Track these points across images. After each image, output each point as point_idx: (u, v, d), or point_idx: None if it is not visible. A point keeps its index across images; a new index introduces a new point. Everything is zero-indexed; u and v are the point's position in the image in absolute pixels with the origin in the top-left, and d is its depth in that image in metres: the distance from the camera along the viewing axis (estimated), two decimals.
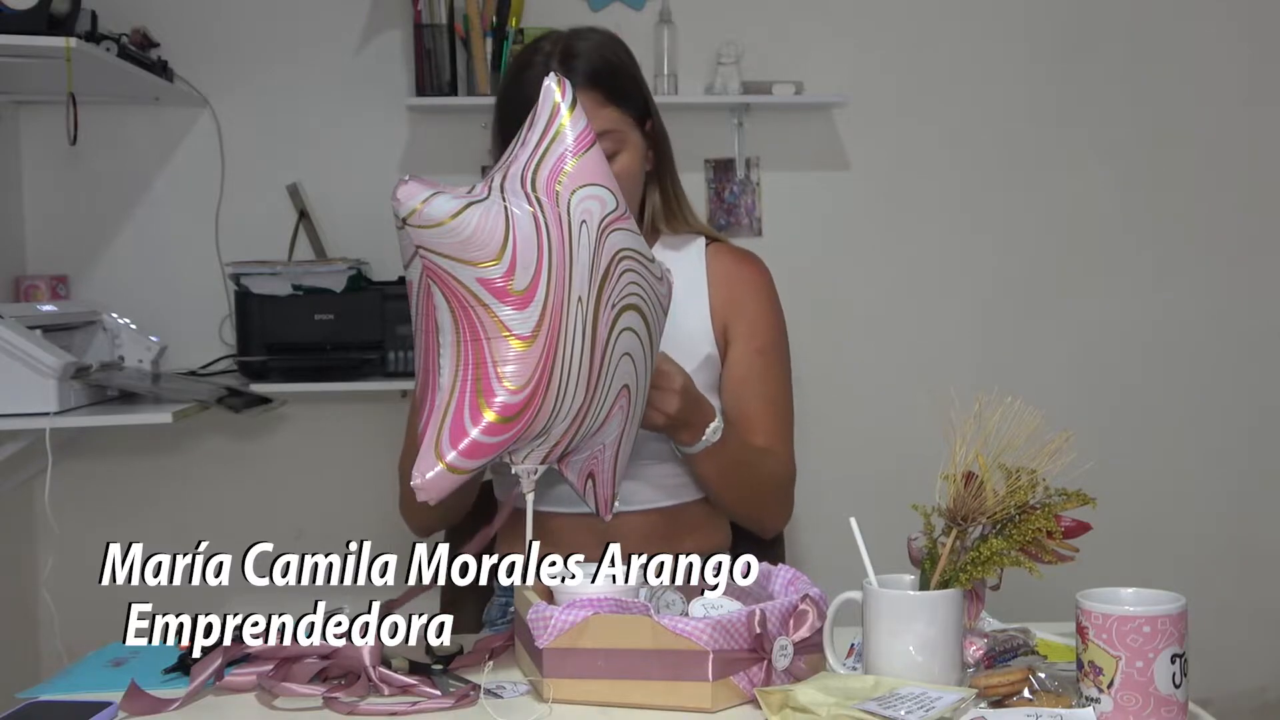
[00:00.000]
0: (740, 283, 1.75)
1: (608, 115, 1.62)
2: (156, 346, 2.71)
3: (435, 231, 1.27)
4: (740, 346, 1.73)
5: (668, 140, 1.74)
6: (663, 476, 1.70)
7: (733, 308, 1.74)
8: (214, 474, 3.08)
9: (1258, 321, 3.25)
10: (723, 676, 1.21)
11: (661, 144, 1.72)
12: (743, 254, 1.79)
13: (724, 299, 1.74)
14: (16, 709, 1.24)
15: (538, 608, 1.26)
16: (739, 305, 1.74)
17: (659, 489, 1.71)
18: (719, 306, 1.73)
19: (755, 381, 1.72)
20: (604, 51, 1.66)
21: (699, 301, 1.73)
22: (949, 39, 3.17)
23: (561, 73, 1.57)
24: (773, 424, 1.73)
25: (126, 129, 3.02)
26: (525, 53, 1.68)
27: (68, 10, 2.39)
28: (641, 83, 1.70)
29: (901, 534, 1.29)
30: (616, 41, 1.71)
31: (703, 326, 1.72)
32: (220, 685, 1.33)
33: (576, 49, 1.64)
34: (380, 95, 3.05)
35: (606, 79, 1.63)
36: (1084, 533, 1.24)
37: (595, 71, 1.63)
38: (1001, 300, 3.21)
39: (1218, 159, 3.22)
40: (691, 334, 1.70)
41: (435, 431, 1.29)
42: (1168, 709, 1.13)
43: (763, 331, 1.75)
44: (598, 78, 1.62)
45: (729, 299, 1.74)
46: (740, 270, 1.76)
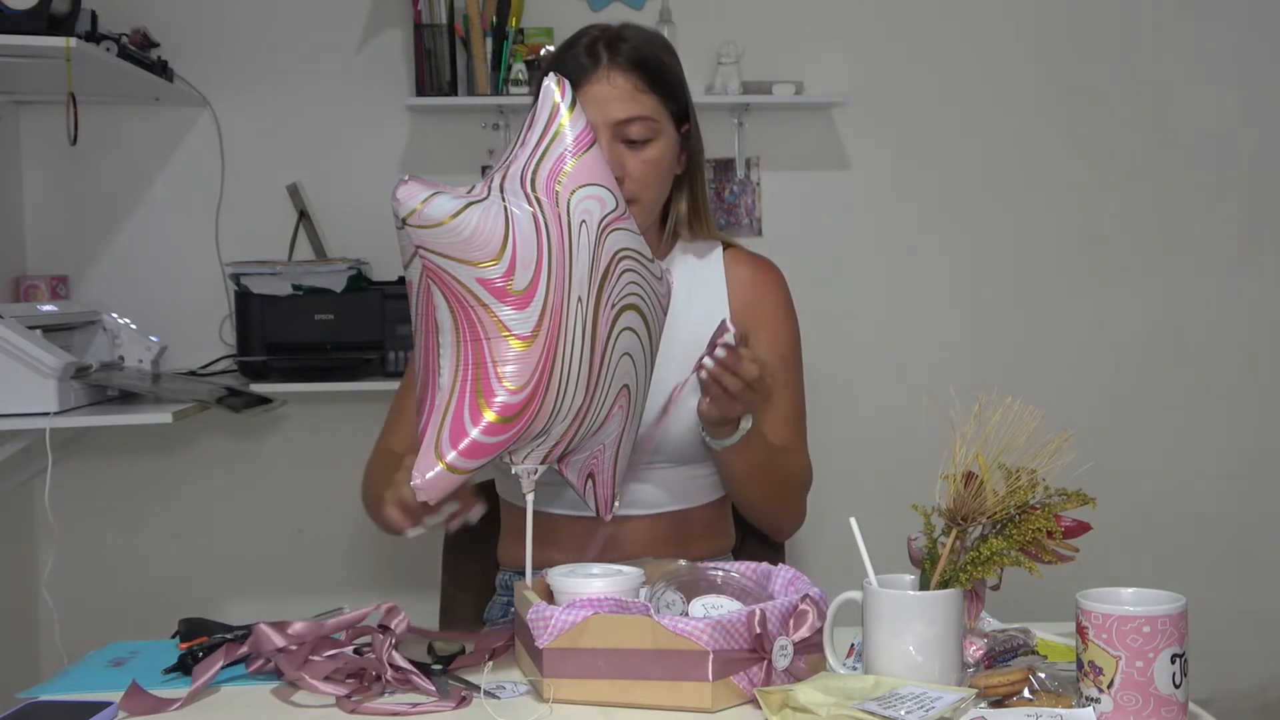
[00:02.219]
0: (761, 289, 1.77)
1: (646, 102, 1.64)
2: (156, 346, 2.71)
3: (435, 231, 1.27)
4: (762, 352, 1.74)
5: (702, 149, 1.75)
6: (675, 480, 1.71)
7: (753, 313, 1.75)
8: (214, 474, 3.08)
9: (1258, 321, 3.24)
10: (723, 676, 1.21)
11: (696, 150, 1.74)
12: (761, 260, 1.81)
13: (743, 304, 1.75)
14: (16, 709, 1.24)
15: (538, 608, 1.26)
16: (760, 311, 1.75)
17: (670, 492, 1.71)
18: (739, 311, 1.74)
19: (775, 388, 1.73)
20: (652, 45, 1.69)
21: (719, 306, 1.74)
22: (949, 39, 3.17)
23: (606, 54, 1.61)
24: (792, 429, 1.75)
25: (126, 129, 3.02)
26: (574, 35, 1.70)
27: (68, 10, 2.39)
28: (684, 84, 1.72)
29: (901, 534, 1.29)
30: (665, 42, 1.76)
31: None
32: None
33: (625, 34, 1.67)
34: (380, 95, 3.05)
35: (650, 67, 1.66)
36: (1084, 533, 1.24)
37: (640, 58, 1.65)
38: (1001, 300, 3.20)
39: (1218, 159, 3.22)
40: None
41: (435, 431, 1.29)
42: (1168, 709, 1.13)
43: (783, 338, 1.77)
44: (642, 64, 1.65)
45: (749, 304, 1.75)
46: (760, 277, 1.78)
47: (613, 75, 1.63)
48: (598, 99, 1.61)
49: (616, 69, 1.63)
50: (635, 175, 1.63)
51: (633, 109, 1.62)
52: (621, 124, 1.62)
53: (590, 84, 1.62)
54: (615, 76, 1.63)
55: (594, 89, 1.62)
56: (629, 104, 1.62)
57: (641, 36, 1.69)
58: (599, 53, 1.63)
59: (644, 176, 1.64)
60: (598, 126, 1.59)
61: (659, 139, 1.65)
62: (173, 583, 3.03)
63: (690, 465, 1.70)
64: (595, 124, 1.58)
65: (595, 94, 1.62)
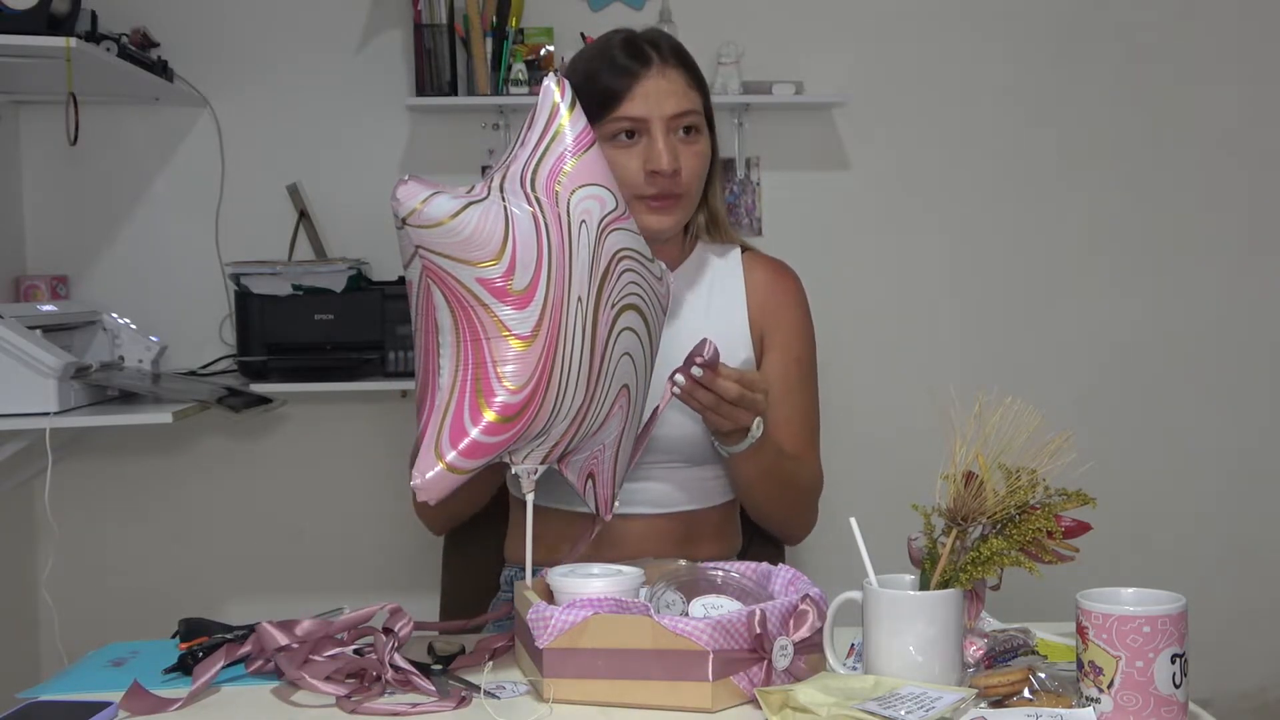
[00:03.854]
0: (778, 292, 1.78)
1: (695, 98, 1.66)
2: (156, 346, 2.71)
3: (435, 231, 1.27)
4: (778, 355, 1.75)
5: (719, 155, 1.75)
6: (686, 480, 1.71)
7: (770, 316, 1.75)
8: (214, 474, 3.08)
9: (1258, 321, 3.24)
10: (723, 676, 1.21)
11: (715, 155, 1.74)
12: (778, 264, 1.81)
13: (761, 306, 1.75)
14: (16, 709, 1.24)
15: (538, 608, 1.26)
16: (777, 314, 1.76)
17: (683, 492, 1.71)
18: (756, 313, 1.75)
19: (790, 391, 1.74)
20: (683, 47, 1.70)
21: (738, 307, 1.75)
22: (949, 39, 3.17)
23: (654, 52, 1.62)
24: (804, 433, 1.75)
25: (126, 129, 3.02)
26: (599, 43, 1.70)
27: (68, 10, 2.39)
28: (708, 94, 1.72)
29: (901, 534, 1.29)
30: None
31: (741, 331, 1.74)
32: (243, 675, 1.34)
33: (657, 36, 1.68)
34: (380, 95, 3.05)
35: (691, 66, 1.68)
36: (1084, 533, 1.24)
37: (683, 56, 1.67)
38: (1001, 299, 3.21)
39: (1217, 160, 3.22)
40: (730, 337, 1.71)
41: (435, 431, 1.29)
42: (1168, 709, 1.13)
43: (799, 342, 1.77)
44: (686, 62, 1.67)
45: (766, 307, 1.76)
46: (778, 280, 1.79)
47: (667, 70, 1.63)
48: (654, 93, 1.62)
49: (669, 65, 1.64)
50: (689, 168, 1.64)
51: (686, 103, 1.64)
52: (677, 117, 1.63)
53: (646, 79, 1.62)
54: (669, 71, 1.64)
55: (650, 84, 1.62)
56: (684, 98, 1.64)
57: (671, 38, 1.70)
58: (645, 51, 1.64)
59: (697, 170, 1.66)
60: (652, 123, 1.61)
61: (704, 134, 1.67)
62: (173, 583, 3.03)
63: (703, 466, 1.70)
64: (649, 119, 1.61)
65: (651, 89, 1.62)
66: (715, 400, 1.49)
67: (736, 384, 1.49)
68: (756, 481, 1.67)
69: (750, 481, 1.67)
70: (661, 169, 1.60)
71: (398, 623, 1.36)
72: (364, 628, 1.40)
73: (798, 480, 1.72)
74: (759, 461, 1.62)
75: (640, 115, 1.61)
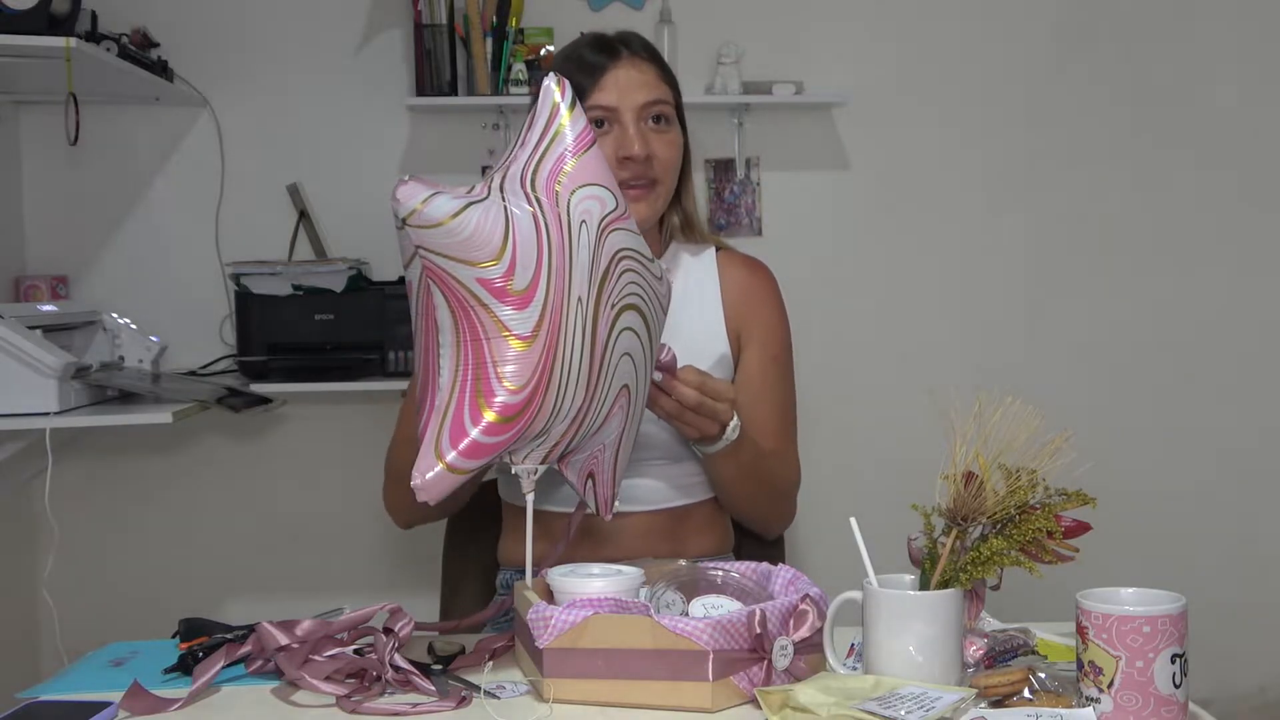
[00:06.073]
0: (754, 289, 1.78)
1: (664, 90, 1.69)
2: (156, 346, 2.71)
3: (435, 231, 1.27)
4: (755, 352, 1.75)
5: (690, 154, 1.77)
6: (676, 476, 1.71)
7: (746, 313, 1.76)
8: (214, 474, 3.08)
9: (1258, 320, 3.24)
10: (723, 676, 1.21)
11: (687, 154, 1.75)
12: (753, 262, 1.82)
13: (736, 304, 1.76)
14: (16, 709, 1.24)
15: (538, 608, 1.26)
16: (753, 311, 1.76)
17: (673, 488, 1.71)
18: (732, 311, 1.76)
19: (768, 388, 1.75)
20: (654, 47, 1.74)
21: (713, 305, 1.75)
22: (949, 39, 3.17)
23: (623, 46, 1.66)
24: (782, 429, 1.75)
25: (126, 129, 3.02)
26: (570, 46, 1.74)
27: (68, 10, 2.39)
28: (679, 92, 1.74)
29: (901, 534, 1.29)
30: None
31: (717, 329, 1.75)
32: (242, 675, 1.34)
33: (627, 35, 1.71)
34: (380, 95, 3.05)
35: (660, 63, 1.71)
36: (1084, 533, 1.24)
37: (653, 52, 1.71)
38: (1001, 299, 3.21)
39: (1218, 158, 3.22)
40: (706, 335, 1.73)
41: (435, 431, 1.29)
42: (1168, 709, 1.13)
43: (775, 339, 1.78)
44: (655, 58, 1.70)
45: (741, 304, 1.76)
46: (753, 278, 1.79)
47: (636, 61, 1.67)
48: (623, 83, 1.65)
49: (638, 57, 1.68)
50: (661, 156, 1.66)
51: (657, 93, 1.67)
52: (648, 105, 1.65)
53: (614, 70, 1.65)
54: (639, 63, 1.67)
55: (619, 74, 1.65)
56: (654, 89, 1.67)
57: (642, 37, 1.73)
58: (614, 45, 1.68)
59: (671, 158, 1.68)
60: (622, 111, 1.63)
61: (675, 126, 1.70)
62: (173, 583, 3.03)
63: (687, 461, 1.71)
64: (619, 109, 1.63)
65: (621, 79, 1.65)
66: (678, 408, 1.50)
67: (696, 390, 1.50)
68: (734, 480, 1.68)
69: (728, 480, 1.68)
70: (634, 154, 1.62)
71: (398, 623, 1.36)
72: (364, 628, 1.40)
73: (775, 477, 1.73)
74: (736, 460, 1.63)
75: (610, 104, 1.64)
